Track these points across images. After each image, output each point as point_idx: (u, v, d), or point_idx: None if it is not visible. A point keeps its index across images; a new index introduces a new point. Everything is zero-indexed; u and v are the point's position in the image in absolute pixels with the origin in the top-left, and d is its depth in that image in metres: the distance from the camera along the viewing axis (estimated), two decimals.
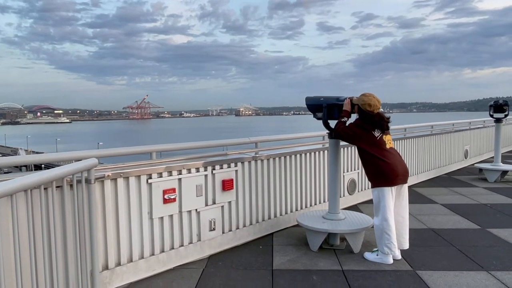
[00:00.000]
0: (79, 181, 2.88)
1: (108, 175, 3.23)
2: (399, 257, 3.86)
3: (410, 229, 4.07)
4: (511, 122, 13.97)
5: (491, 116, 7.92)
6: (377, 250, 3.87)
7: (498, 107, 7.74)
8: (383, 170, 3.74)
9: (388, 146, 3.83)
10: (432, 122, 9.26)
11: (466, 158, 9.80)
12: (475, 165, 8.66)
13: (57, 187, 2.63)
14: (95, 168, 3.06)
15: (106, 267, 3.26)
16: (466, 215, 5.42)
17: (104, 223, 3.24)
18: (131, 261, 3.43)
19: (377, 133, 3.81)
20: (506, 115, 7.77)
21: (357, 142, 3.89)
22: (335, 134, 4.08)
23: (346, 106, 3.98)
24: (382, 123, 3.81)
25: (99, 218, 3.20)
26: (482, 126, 10.97)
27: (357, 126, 3.88)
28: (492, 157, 8.41)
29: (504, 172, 7.80)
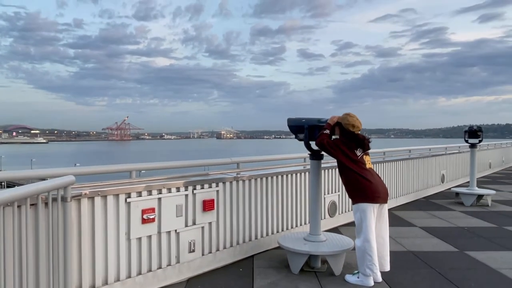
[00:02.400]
0: (54, 199, 2.79)
1: (85, 193, 3.14)
2: (380, 279, 3.84)
3: (390, 252, 4.07)
4: (485, 148, 14.44)
5: (466, 141, 8.16)
6: (358, 272, 3.85)
7: (472, 132, 8.00)
8: (365, 187, 3.78)
9: (368, 166, 3.89)
10: (409, 146, 9.47)
11: (443, 183, 10.01)
12: (452, 189, 8.86)
13: (31, 205, 2.54)
14: (71, 186, 2.98)
15: None
16: (444, 238, 5.48)
17: (79, 243, 3.13)
18: (106, 283, 3.29)
19: (359, 152, 3.87)
20: (480, 141, 8.03)
21: (340, 158, 3.90)
22: (319, 145, 4.02)
23: (331, 120, 4.02)
24: (364, 143, 3.88)
25: (74, 238, 3.08)
26: (457, 151, 11.29)
27: (342, 142, 3.92)
28: (468, 182, 8.61)
29: (480, 196, 7.98)
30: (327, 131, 4.02)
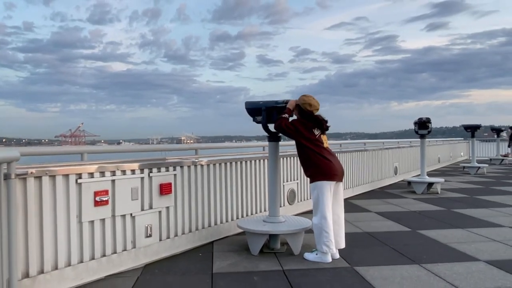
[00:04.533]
0: None
1: (31, 172, 2.96)
2: (337, 256, 3.92)
3: (347, 233, 4.16)
4: (434, 144, 15.22)
5: (416, 132, 8.55)
6: (316, 250, 3.90)
7: (422, 124, 8.38)
8: (323, 165, 3.85)
9: (325, 145, 3.97)
10: (364, 144, 9.77)
11: (396, 174, 10.42)
12: (404, 179, 9.24)
13: None
14: (16, 167, 2.80)
15: (26, 275, 2.93)
16: (398, 220, 5.70)
17: (25, 226, 2.94)
18: (56, 268, 3.11)
19: (316, 132, 3.94)
20: (429, 132, 8.43)
21: (298, 138, 3.95)
22: (277, 128, 4.05)
23: (290, 105, 4.05)
24: (322, 123, 3.96)
25: (20, 220, 2.90)
26: (409, 146, 11.81)
27: (300, 123, 3.98)
28: (419, 175, 9.02)
29: (430, 184, 8.38)
30: (286, 115, 4.06)
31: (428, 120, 8.31)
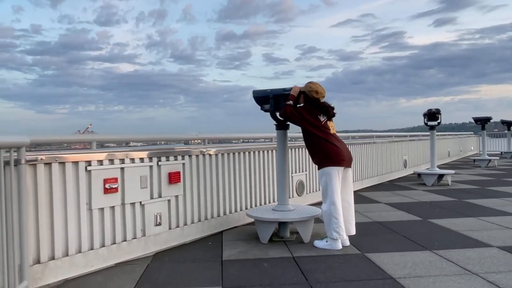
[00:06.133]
0: (7, 163, 2.63)
1: (41, 159, 2.97)
2: (348, 243, 3.88)
3: (357, 223, 4.14)
4: (443, 137, 15.06)
5: (426, 124, 8.46)
6: (326, 237, 3.88)
7: (431, 115, 8.29)
8: (329, 151, 3.82)
9: (332, 132, 3.94)
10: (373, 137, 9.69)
11: (405, 168, 10.32)
12: (414, 171, 9.16)
13: None
14: (26, 154, 2.82)
15: (37, 261, 2.94)
16: (408, 210, 5.64)
17: (36, 212, 2.95)
18: (67, 255, 3.13)
19: (322, 118, 3.91)
20: (439, 123, 8.33)
21: (304, 124, 3.94)
22: (282, 115, 4.07)
23: (294, 92, 4.04)
24: (328, 110, 3.93)
25: (31, 206, 2.91)
26: (418, 139, 11.69)
27: (305, 109, 3.96)
28: (429, 168, 8.92)
29: (440, 176, 8.29)
30: (291, 102, 4.04)
31: (437, 111, 8.22)
